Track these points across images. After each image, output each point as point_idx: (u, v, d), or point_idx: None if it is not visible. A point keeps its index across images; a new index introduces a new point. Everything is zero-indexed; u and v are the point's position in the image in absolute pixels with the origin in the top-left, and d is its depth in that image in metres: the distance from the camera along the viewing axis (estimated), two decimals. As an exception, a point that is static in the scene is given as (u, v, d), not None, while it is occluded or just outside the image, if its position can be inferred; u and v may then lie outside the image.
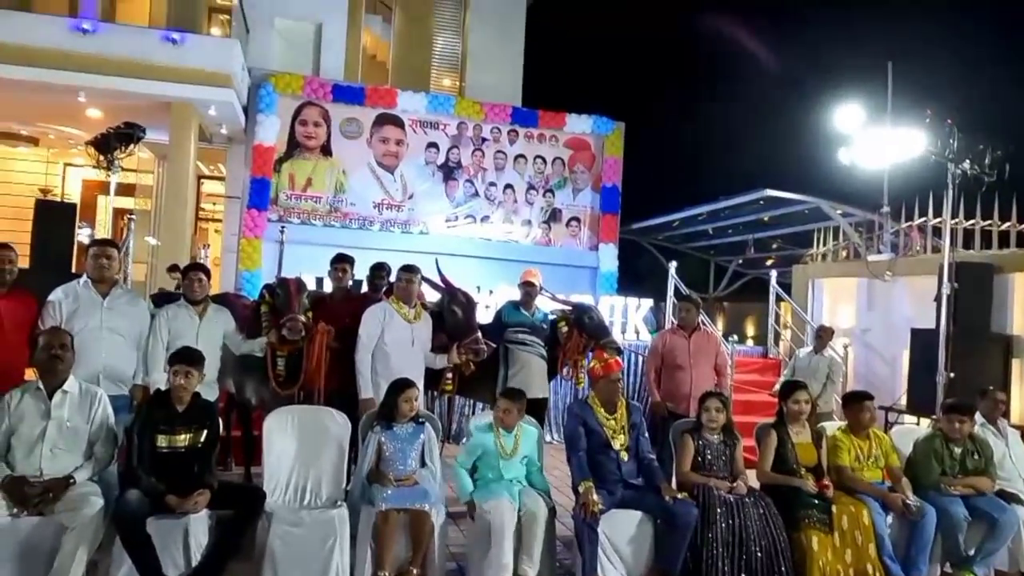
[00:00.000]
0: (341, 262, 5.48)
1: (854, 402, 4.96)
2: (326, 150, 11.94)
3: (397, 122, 12.22)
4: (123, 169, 8.56)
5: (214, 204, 15.09)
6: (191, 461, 3.87)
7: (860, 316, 9.87)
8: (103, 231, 14.06)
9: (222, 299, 5.61)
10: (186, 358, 3.94)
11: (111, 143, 7.94)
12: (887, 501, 4.63)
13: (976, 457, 4.95)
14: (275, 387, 5.01)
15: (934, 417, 6.81)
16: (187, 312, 4.84)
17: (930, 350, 7.33)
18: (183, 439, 3.87)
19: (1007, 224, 8.89)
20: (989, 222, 8.91)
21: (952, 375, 7.03)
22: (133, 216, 9.21)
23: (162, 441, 3.83)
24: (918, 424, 7.84)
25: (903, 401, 8.16)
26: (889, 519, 4.60)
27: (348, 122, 12.04)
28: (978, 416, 5.25)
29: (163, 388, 4.25)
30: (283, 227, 9.74)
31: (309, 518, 4.00)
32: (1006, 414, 5.73)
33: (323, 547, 3.88)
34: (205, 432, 3.94)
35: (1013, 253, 8.43)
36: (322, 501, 4.30)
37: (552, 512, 4.27)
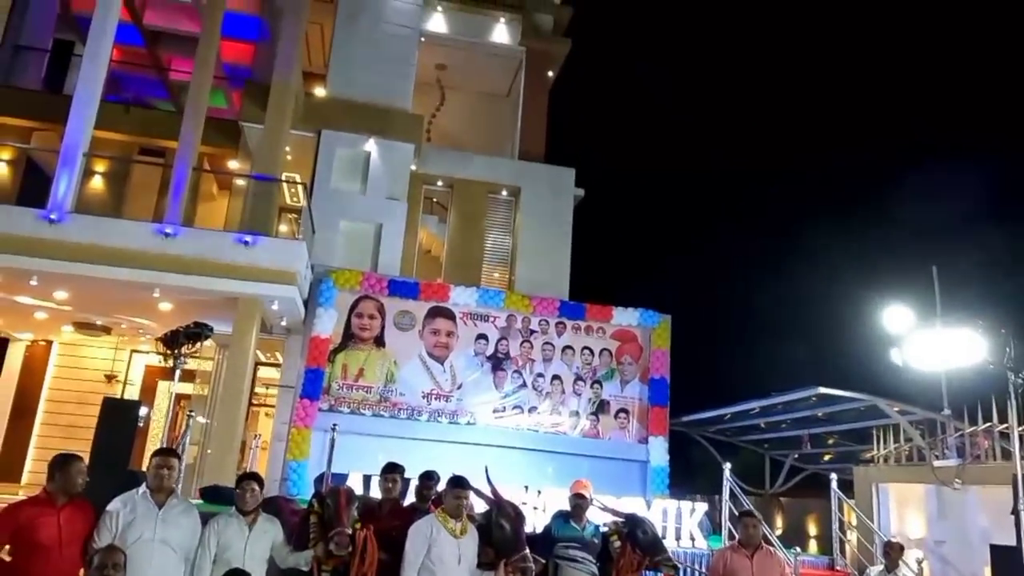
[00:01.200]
0: (391, 472, 5.47)
1: None
2: (379, 341, 12.34)
3: (448, 315, 12.65)
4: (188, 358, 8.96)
5: (267, 389, 15.45)
6: None
7: (931, 526, 9.27)
8: (160, 414, 14.46)
9: (272, 505, 5.58)
10: (238, 583, 3.88)
11: (180, 340, 8.38)
12: None
13: None
14: None
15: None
16: (237, 523, 4.84)
17: (1015, 571, 6.78)
18: (223, 669, 3.72)
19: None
20: (1060, 428, 8.52)
21: (1044, 603, 6.44)
22: (192, 412, 9.45)
23: (201, 672, 3.69)
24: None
25: (991, 628, 7.43)
26: None
27: (402, 315, 12.51)
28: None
29: (207, 609, 4.18)
30: (335, 424, 9.85)
31: None
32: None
33: None
34: (246, 662, 3.79)
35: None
36: None
37: None
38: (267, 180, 11.71)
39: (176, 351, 8.49)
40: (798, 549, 8.14)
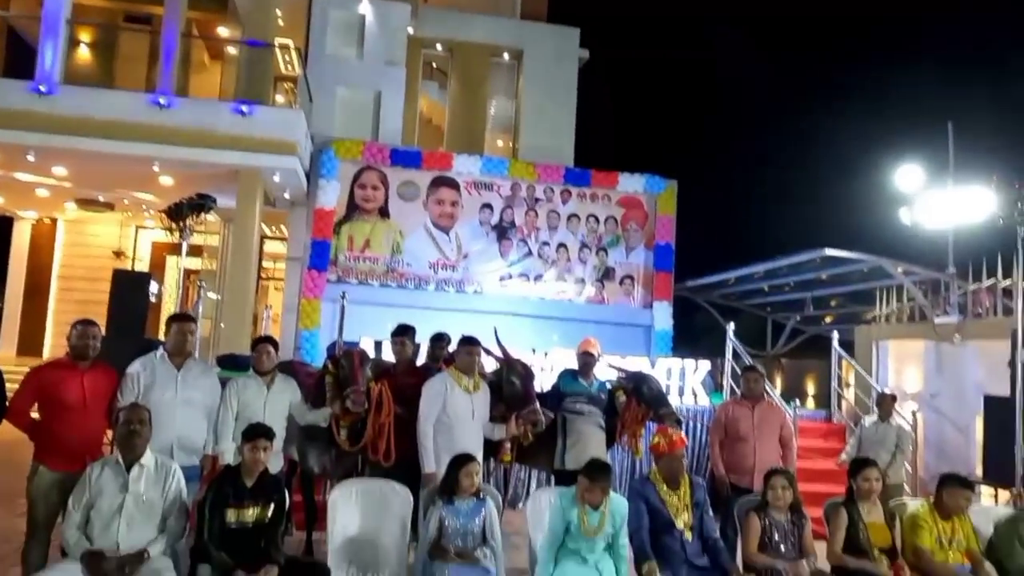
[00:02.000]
0: (401, 334, 5.57)
1: (953, 486, 4.62)
2: (384, 212, 12.27)
3: (452, 184, 12.50)
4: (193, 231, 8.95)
5: (275, 263, 15.58)
6: (259, 535, 3.94)
7: (928, 380, 9.54)
8: (171, 290, 14.65)
9: (288, 367, 5.75)
10: (262, 433, 4.03)
11: (183, 212, 8.32)
12: (969, 587, 4.41)
13: (1064, 540, 4.67)
14: (341, 444, 5.07)
15: (1014, 491, 6.51)
16: (256, 383, 4.99)
17: (1006, 419, 7.03)
18: (251, 514, 3.94)
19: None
20: (1063, 283, 8.57)
21: (1031, 446, 6.71)
22: (203, 283, 9.55)
23: (231, 516, 3.90)
24: (996, 496, 7.50)
25: (979, 471, 7.80)
26: (972, 607, 4.37)
27: (405, 185, 12.37)
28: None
29: (231, 462, 4.38)
30: (344, 292, 9.95)
31: (371, 595, 4.01)
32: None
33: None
34: (272, 506, 4.01)
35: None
36: (384, 577, 4.31)
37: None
38: (259, 46, 11.24)
39: (181, 223, 8.44)
40: (797, 403, 8.43)
